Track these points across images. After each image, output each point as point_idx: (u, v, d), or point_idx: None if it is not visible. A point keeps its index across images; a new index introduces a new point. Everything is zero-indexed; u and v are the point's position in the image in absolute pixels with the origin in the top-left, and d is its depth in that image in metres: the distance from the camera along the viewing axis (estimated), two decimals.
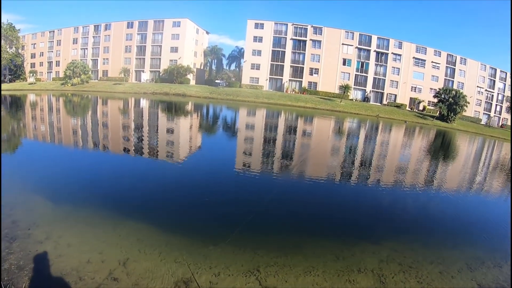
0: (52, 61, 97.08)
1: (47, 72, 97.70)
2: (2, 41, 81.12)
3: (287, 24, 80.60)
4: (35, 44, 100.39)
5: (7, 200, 8.32)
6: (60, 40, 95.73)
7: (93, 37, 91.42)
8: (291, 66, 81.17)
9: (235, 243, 7.19)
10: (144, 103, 50.68)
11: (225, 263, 6.37)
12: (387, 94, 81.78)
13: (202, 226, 8.08)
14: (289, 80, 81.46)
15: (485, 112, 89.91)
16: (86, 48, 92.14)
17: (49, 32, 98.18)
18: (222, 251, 6.80)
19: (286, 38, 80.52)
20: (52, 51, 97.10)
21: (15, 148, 16.05)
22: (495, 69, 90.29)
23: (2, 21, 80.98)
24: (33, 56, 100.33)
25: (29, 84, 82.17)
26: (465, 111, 69.16)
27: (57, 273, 5.65)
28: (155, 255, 6.46)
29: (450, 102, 64.57)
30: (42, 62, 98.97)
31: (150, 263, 6.18)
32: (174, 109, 44.75)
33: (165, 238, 7.22)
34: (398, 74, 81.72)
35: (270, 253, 6.87)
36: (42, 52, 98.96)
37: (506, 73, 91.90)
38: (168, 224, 7.97)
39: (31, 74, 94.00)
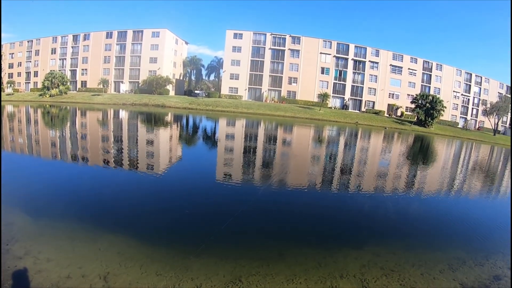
0: (30, 72, 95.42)
1: (25, 82, 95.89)
2: None
3: (265, 34, 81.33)
4: (13, 53, 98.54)
5: None
6: (38, 50, 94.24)
7: (72, 47, 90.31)
8: (270, 75, 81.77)
9: (216, 254, 7.19)
10: (123, 114, 50.17)
11: (206, 274, 6.35)
12: (365, 101, 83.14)
13: (182, 237, 8.06)
14: (268, 89, 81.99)
15: (461, 115, 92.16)
16: (65, 59, 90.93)
17: (27, 41, 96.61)
18: (204, 262, 6.78)
19: (265, 48, 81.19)
20: (30, 61, 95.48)
21: None
22: (471, 74, 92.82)
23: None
24: (10, 66, 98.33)
25: (6, 95, 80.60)
26: (442, 115, 70.84)
27: None
28: (136, 268, 6.41)
29: (427, 107, 66.07)
30: (20, 73, 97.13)
31: (131, 276, 6.13)
32: (153, 120, 44.34)
33: (146, 251, 7.16)
34: (376, 82, 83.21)
35: (252, 263, 6.89)
36: (20, 62, 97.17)
37: (481, 77, 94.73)
38: (149, 237, 7.91)
39: (9, 85, 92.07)
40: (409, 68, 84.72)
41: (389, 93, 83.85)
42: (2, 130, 20.16)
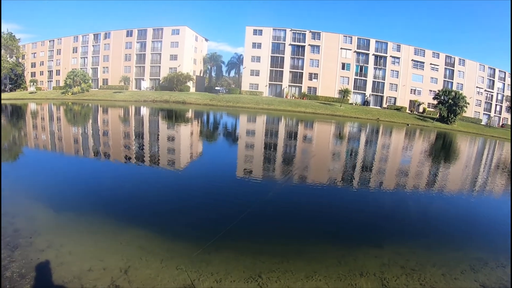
0: (52, 70, 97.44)
1: (48, 81, 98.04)
2: (3, 51, 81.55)
3: (285, 30, 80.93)
4: (35, 53, 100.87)
5: (9, 209, 8.36)
6: (60, 49, 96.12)
7: (93, 45, 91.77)
8: (290, 71, 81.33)
9: (236, 249, 7.20)
10: (145, 111, 50.76)
11: (226, 269, 6.37)
12: (386, 97, 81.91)
13: (203, 232, 8.04)
14: (289, 85, 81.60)
15: (485, 112, 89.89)
16: (86, 57, 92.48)
17: (49, 41, 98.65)
18: (224, 257, 6.81)
19: (284, 43, 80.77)
20: (52, 60, 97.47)
21: (16, 157, 16.14)
22: (494, 69, 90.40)
23: (2, 31, 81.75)
24: (33, 65, 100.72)
25: (29, 93, 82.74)
26: (465, 112, 69.28)
27: (58, 281, 5.69)
28: (156, 262, 6.46)
29: (449, 103, 64.71)
30: (42, 71, 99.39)
31: (151, 270, 6.18)
32: (174, 116, 44.74)
33: (167, 245, 7.21)
34: (397, 77, 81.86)
35: (272, 259, 6.87)
36: (42, 61, 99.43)
37: (505, 73, 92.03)
38: (170, 231, 7.96)
39: (32, 83, 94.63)
40: (431, 63, 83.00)
41: (411, 89, 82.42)
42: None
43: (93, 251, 6.76)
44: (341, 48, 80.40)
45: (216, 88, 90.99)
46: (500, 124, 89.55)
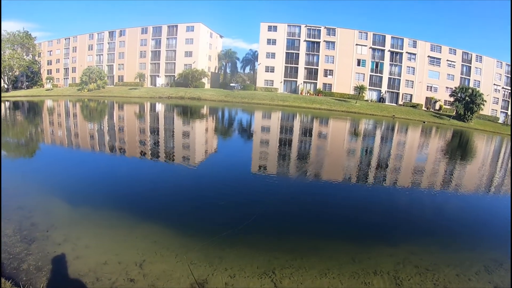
0: (68, 68, 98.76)
1: (64, 78, 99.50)
2: (19, 49, 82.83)
3: (300, 26, 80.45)
4: (51, 51, 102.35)
5: (26, 203, 8.58)
6: (75, 47, 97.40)
7: (108, 43, 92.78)
8: (305, 68, 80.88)
9: (250, 245, 7.31)
10: (160, 107, 51.27)
11: (240, 265, 6.44)
12: (402, 94, 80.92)
13: (217, 229, 8.08)
14: (304, 82, 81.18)
15: (502, 110, 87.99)
16: (102, 54, 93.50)
17: (65, 39, 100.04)
18: (238, 253, 6.93)
19: (299, 40, 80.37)
20: (68, 58, 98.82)
21: (33, 152, 16.47)
22: None
23: (18, 30, 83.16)
24: (49, 63, 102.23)
25: (46, 90, 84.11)
26: (482, 109, 68.00)
27: (74, 274, 5.81)
28: (171, 257, 6.58)
29: (466, 101, 63.76)
30: (58, 69, 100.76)
31: (166, 265, 6.27)
32: (189, 113, 45.05)
33: (181, 241, 7.34)
34: (413, 74, 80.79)
35: (285, 255, 6.91)
36: (58, 59, 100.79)
37: None
38: (184, 227, 8.07)
39: (48, 81, 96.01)
40: (447, 60, 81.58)
41: (427, 86, 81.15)
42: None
43: (109, 245, 6.94)
44: (357, 44, 79.61)
45: (231, 84, 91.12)
46: None
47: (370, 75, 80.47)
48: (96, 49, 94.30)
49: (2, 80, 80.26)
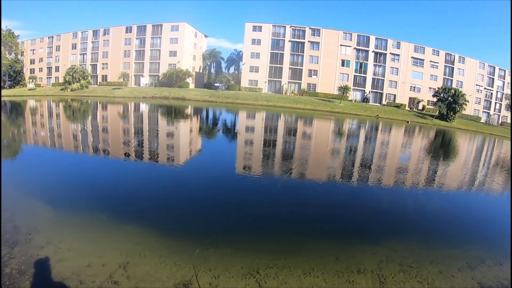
0: (51, 67, 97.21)
1: (47, 77, 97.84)
2: (2, 47, 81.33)
3: (285, 26, 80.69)
4: (34, 50, 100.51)
5: (8, 206, 8.39)
6: (59, 46, 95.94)
7: (92, 42, 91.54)
8: (289, 68, 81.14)
9: (234, 246, 7.26)
10: (144, 108, 50.76)
11: (225, 265, 6.40)
12: (386, 94, 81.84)
13: (201, 229, 8.08)
14: (288, 82, 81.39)
15: (484, 110, 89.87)
16: (85, 53, 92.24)
17: (48, 37, 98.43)
18: (222, 253, 6.86)
19: (284, 40, 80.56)
20: (51, 57, 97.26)
21: (15, 153, 16.14)
22: (494, 67, 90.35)
23: (1, 28, 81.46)
24: (32, 62, 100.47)
25: (28, 89, 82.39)
26: (465, 109, 69.19)
27: (57, 277, 5.72)
28: (155, 258, 6.49)
29: (449, 101, 64.78)
30: (41, 68, 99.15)
31: (150, 266, 6.22)
32: (173, 113, 44.72)
33: (165, 242, 7.28)
34: (397, 74, 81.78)
35: (269, 255, 6.90)
36: (42, 58, 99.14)
37: (505, 71, 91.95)
38: (168, 228, 8.01)
39: (31, 80, 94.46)
40: (431, 61, 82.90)
41: (411, 86, 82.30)
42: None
43: (92, 247, 6.82)
44: (341, 45, 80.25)
45: (216, 84, 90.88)
46: (500, 122, 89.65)
47: (354, 75, 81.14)
48: (80, 48, 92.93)
49: None
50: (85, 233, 7.47)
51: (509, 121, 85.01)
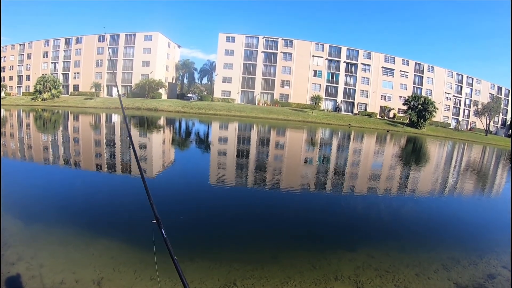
0: (22, 75, 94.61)
1: (17, 86, 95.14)
2: None
3: (258, 37, 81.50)
4: (4, 57, 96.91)
5: None
6: (30, 54, 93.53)
7: (64, 50, 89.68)
8: (262, 78, 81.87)
9: (210, 258, 7.18)
10: (116, 118, 49.99)
11: (201, 278, 6.33)
12: (357, 103, 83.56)
13: (176, 242, 7.94)
14: (261, 92, 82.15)
15: (453, 116, 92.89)
16: (57, 62, 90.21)
17: (19, 45, 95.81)
18: (198, 266, 6.78)
19: (257, 51, 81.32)
20: (23, 65, 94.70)
21: None
22: (462, 75, 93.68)
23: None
24: (2, 70, 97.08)
25: None
26: (434, 116, 71.53)
27: None
28: (129, 273, 6.38)
29: (419, 108, 66.84)
30: (11, 76, 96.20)
31: (125, 281, 6.10)
32: (146, 124, 44.31)
33: (140, 256, 7.08)
34: (368, 84, 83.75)
35: (246, 266, 6.87)
36: (12, 66, 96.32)
37: (473, 79, 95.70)
38: (143, 242, 7.69)
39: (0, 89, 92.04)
40: (401, 70, 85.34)
41: (381, 95, 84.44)
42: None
43: (64, 263, 6.61)
44: (313, 56, 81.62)
45: (189, 95, 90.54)
46: (468, 127, 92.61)
47: (326, 85, 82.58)
48: (52, 57, 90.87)
49: None
50: (57, 248, 7.23)
51: (478, 126, 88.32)
